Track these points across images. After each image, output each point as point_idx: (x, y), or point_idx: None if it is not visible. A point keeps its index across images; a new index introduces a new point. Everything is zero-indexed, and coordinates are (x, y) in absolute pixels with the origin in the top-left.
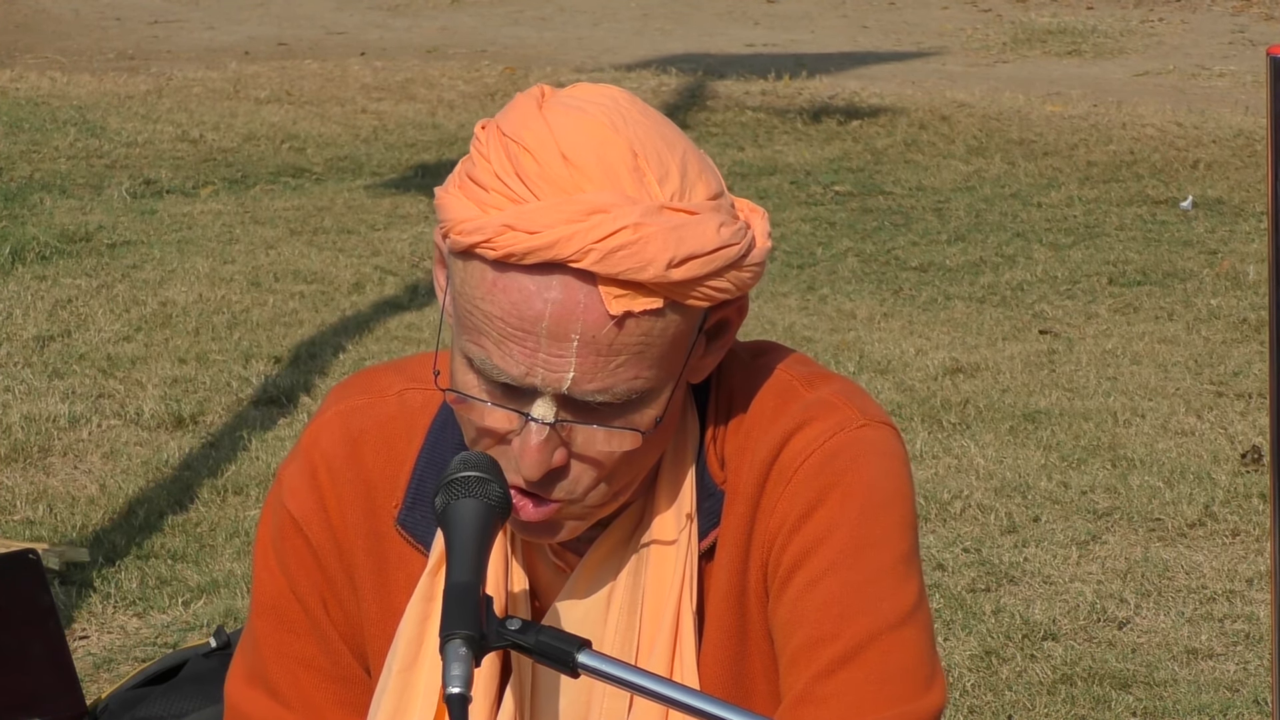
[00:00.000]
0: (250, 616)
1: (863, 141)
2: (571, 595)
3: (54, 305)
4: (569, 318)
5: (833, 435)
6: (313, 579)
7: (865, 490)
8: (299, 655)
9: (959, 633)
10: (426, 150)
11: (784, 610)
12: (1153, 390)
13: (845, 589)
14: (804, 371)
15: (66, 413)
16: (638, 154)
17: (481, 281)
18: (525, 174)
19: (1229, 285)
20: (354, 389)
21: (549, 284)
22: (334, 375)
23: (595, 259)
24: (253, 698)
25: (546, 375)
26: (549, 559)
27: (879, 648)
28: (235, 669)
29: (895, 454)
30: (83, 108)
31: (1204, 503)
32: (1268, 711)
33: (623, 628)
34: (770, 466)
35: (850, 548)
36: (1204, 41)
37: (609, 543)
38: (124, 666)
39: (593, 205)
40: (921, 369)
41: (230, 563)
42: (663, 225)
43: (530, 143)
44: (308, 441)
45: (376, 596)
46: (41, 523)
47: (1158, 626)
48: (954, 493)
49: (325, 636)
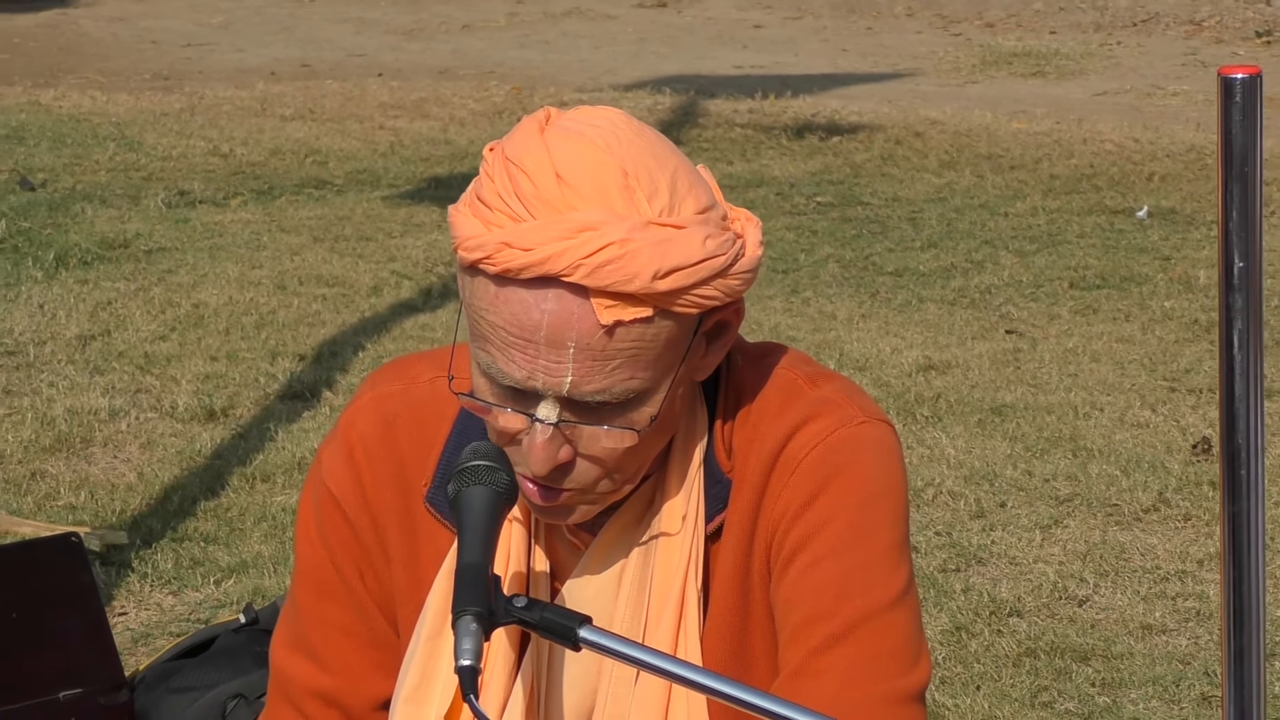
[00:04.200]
0: (292, 586)
1: (842, 156)
2: (585, 572)
3: (95, 307)
4: (564, 327)
5: (835, 430)
6: (350, 551)
7: (863, 482)
8: (337, 622)
9: (931, 610)
10: (439, 164)
11: (785, 590)
12: (1110, 386)
13: (842, 572)
14: (807, 370)
15: (107, 406)
16: (628, 173)
17: (485, 294)
18: (523, 194)
19: (1181, 289)
20: (388, 376)
21: (545, 296)
22: (354, 371)
23: (585, 273)
24: (295, 662)
25: (547, 379)
26: (566, 539)
27: (871, 627)
28: (279, 635)
29: (891, 450)
30: (121, 124)
31: (1158, 490)
32: (1217, 683)
33: (632, 603)
34: (776, 457)
35: (848, 535)
36: (1158, 63)
37: (620, 524)
38: (160, 641)
39: (582, 223)
40: (897, 366)
41: (258, 545)
42: (649, 240)
43: (528, 165)
44: (345, 424)
45: (407, 568)
46: (83, 508)
47: (1115, 604)
48: (926, 480)
49: (361, 605)
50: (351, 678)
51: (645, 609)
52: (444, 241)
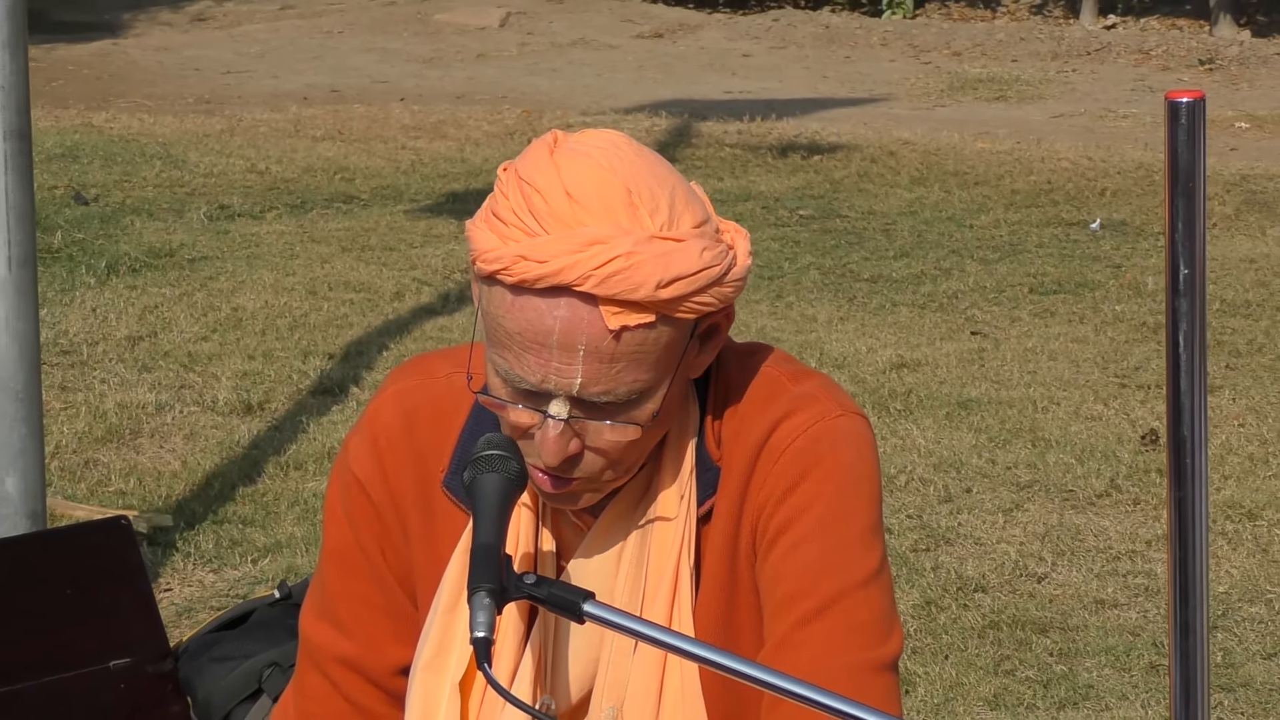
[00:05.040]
0: (320, 562)
1: (823, 173)
2: (588, 552)
3: (143, 310)
4: (575, 332)
5: (815, 423)
6: (373, 531)
7: (840, 471)
8: (361, 595)
9: (903, 586)
10: (456, 180)
11: (769, 568)
12: (1066, 382)
13: (821, 552)
14: (790, 368)
15: (153, 401)
16: (631, 191)
17: (502, 302)
18: (536, 211)
19: (1131, 294)
20: (409, 372)
21: (557, 304)
22: (379, 369)
23: (594, 283)
24: (322, 630)
25: (558, 381)
26: (570, 521)
27: (847, 603)
28: (308, 606)
29: (866, 441)
30: (167, 144)
31: (1110, 477)
32: (1164, 653)
33: (630, 579)
34: (761, 447)
35: (826, 518)
36: (1110, 89)
37: (618, 509)
38: (202, 614)
39: (592, 237)
40: (872, 364)
41: (291, 527)
42: (652, 252)
43: (541, 184)
44: (370, 415)
45: (425, 546)
46: (132, 493)
47: (1071, 581)
48: (899, 468)
49: (383, 580)
50: (373, 645)
51: (643, 585)
52: (460, 251)
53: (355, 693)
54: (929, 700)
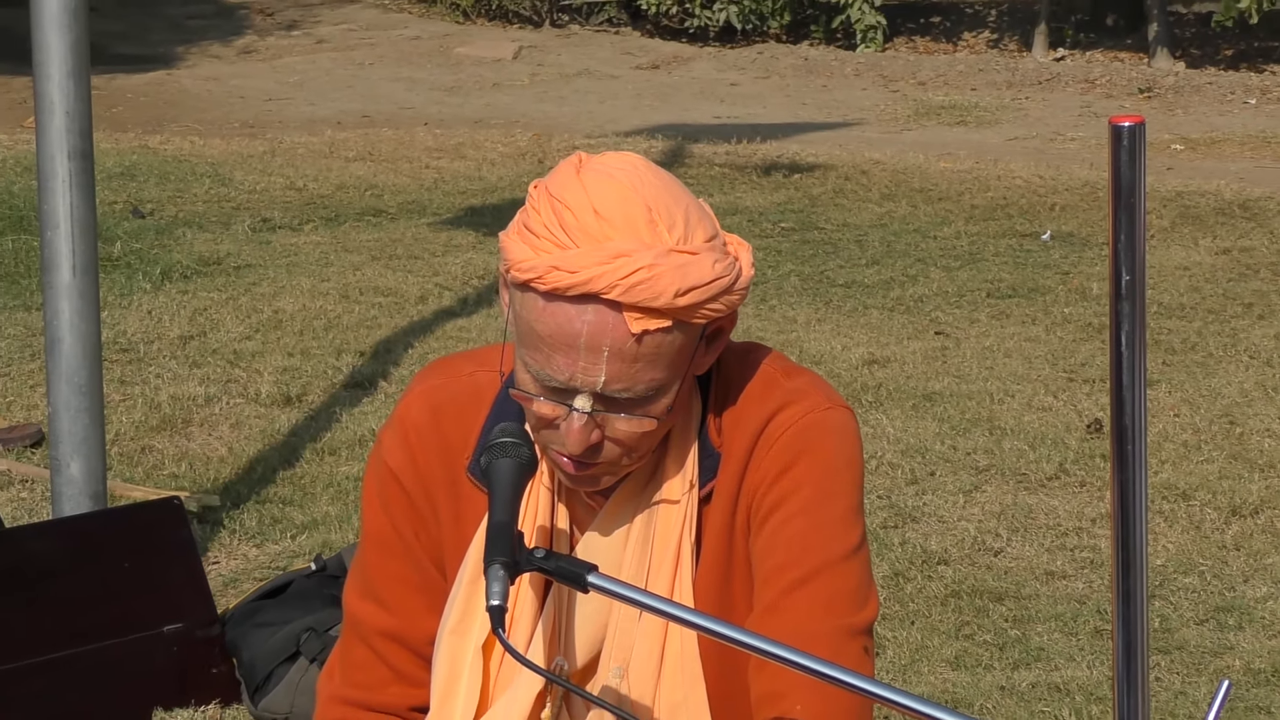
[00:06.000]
0: (360, 546)
1: (802, 190)
2: (599, 529)
3: (193, 313)
4: (601, 335)
5: (805, 415)
6: (407, 515)
7: (827, 457)
8: (398, 574)
9: (874, 559)
10: (474, 196)
11: (761, 542)
12: (1020, 377)
13: (807, 529)
14: (783, 366)
15: (203, 393)
16: (651, 209)
17: (534, 307)
18: (567, 226)
19: (1078, 298)
20: (435, 372)
21: (585, 310)
22: (405, 365)
23: (620, 292)
24: (365, 607)
25: (584, 379)
26: (584, 501)
27: (829, 574)
28: (350, 586)
29: (851, 431)
30: (215, 164)
31: (1059, 461)
32: (1108, 619)
33: (637, 554)
34: (758, 436)
35: (813, 499)
36: (1059, 114)
37: (628, 490)
38: (246, 585)
39: (618, 250)
40: (846, 361)
41: (326, 506)
42: (671, 264)
43: (570, 201)
44: (401, 412)
45: (453, 527)
46: (184, 476)
47: (1024, 554)
48: (870, 454)
49: (417, 559)
50: (411, 618)
51: (648, 559)
52: (477, 259)
53: (397, 661)
54: (897, 661)
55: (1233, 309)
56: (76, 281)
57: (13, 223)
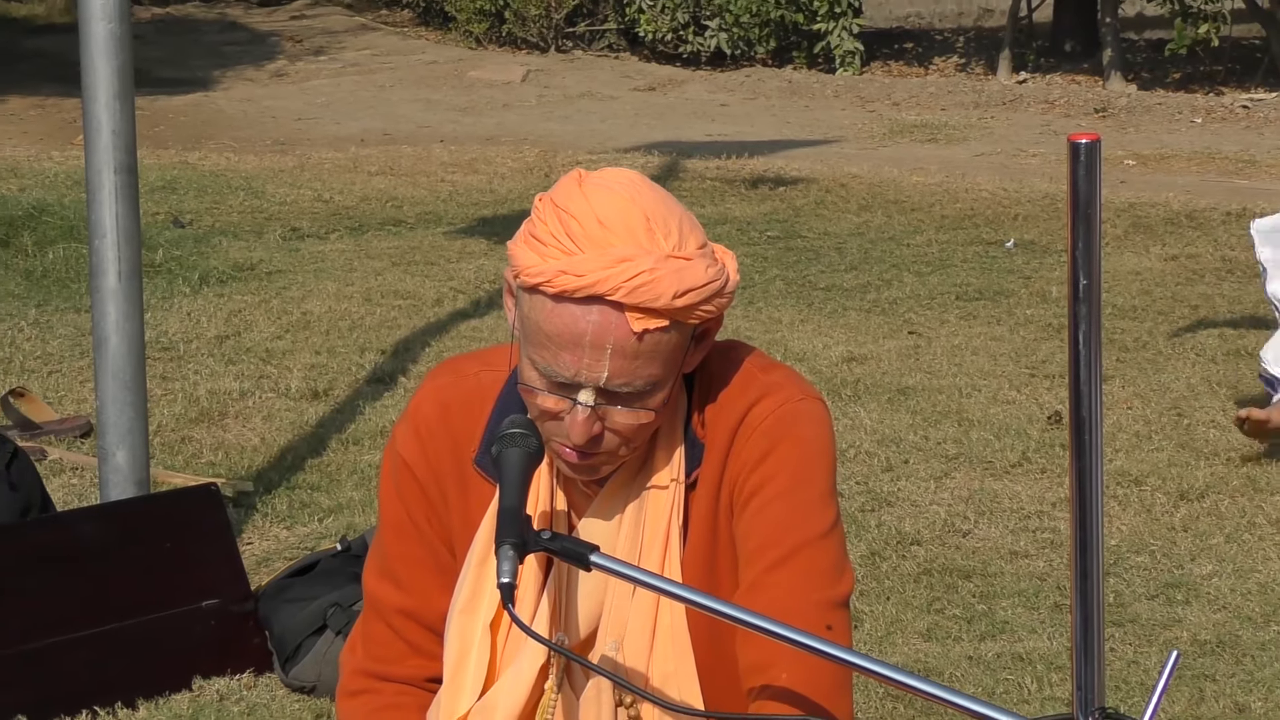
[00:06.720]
0: (378, 531)
1: (786, 201)
2: (595, 514)
3: (229, 314)
4: (604, 334)
5: (781, 406)
6: (420, 503)
7: (802, 445)
8: (414, 557)
9: (853, 540)
10: (486, 208)
11: (743, 524)
12: (986, 373)
13: (785, 511)
14: (760, 361)
15: (238, 388)
16: (649, 218)
17: (543, 308)
18: (573, 234)
19: (1039, 300)
20: (444, 371)
21: (590, 311)
22: (422, 362)
23: (623, 294)
24: (383, 587)
25: (588, 375)
26: (580, 488)
27: (807, 552)
28: (370, 567)
29: (824, 420)
30: (249, 178)
31: (1022, 450)
32: (1067, 595)
33: (629, 536)
34: (738, 426)
35: (790, 483)
36: (1022, 132)
37: (621, 478)
38: (277, 564)
39: (620, 256)
40: (826, 358)
41: (351, 492)
42: (669, 269)
43: (575, 211)
44: (412, 408)
45: (461, 514)
46: (220, 464)
47: (990, 536)
48: (849, 444)
49: (430, 543)
50: (425, 597)
51: (640, 541)
52: (489, 265)
53: (413, 636)
54: (873, 634)
55: (1180, 310)
56: (122, 286)
57: (64, 232)
